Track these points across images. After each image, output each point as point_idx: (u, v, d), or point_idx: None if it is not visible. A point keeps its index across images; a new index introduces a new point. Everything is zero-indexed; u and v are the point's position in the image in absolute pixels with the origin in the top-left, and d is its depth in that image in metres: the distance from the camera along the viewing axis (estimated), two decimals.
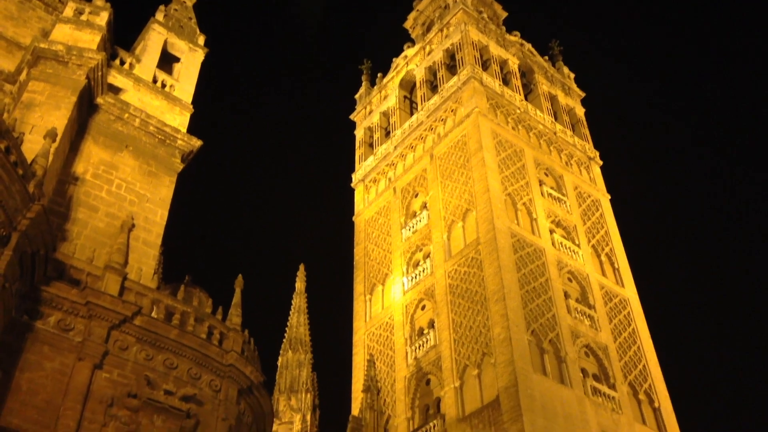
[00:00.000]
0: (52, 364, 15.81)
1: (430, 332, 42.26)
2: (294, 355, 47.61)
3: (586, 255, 46.11)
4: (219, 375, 18.89)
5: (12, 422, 14.60)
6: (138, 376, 17.17)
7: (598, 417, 37.52)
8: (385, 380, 42.94)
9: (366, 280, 49.59)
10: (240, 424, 19.31)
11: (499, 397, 35.88)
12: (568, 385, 37.77)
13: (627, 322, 44.53)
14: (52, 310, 16.43)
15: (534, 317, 39.47)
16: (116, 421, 16.20)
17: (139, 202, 21.61)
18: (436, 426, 38.21)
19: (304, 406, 44.11)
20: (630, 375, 41.63)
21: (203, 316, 19.48)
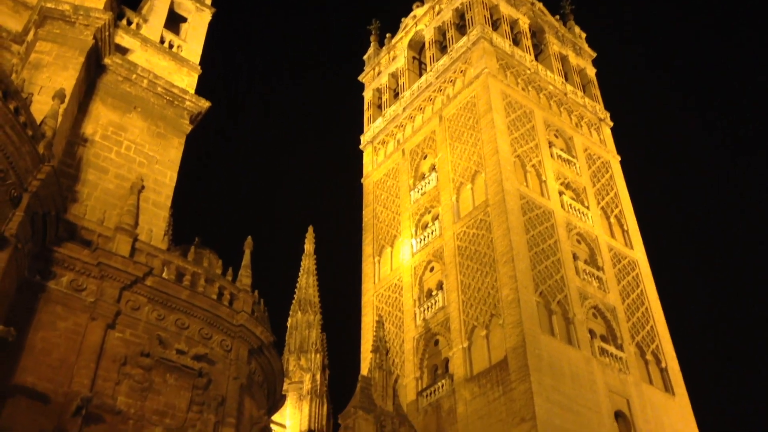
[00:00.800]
0: (65, 324, 15.99)
1: (439, 293, 42.49)
2: (303, 316, 47.87)
3: (595, 217, 46.02)
4: (230, 335, 19.08)
5: (27, 380, 14.82)
6: (150, 335, 17.36)
7: (605, 377, 37.83)
8: (394, 341, 43.32)
9: (375, 241, 49.73)
10: (251, 383, 19.55)
11: (507, 358, 36.19)
12: (576, 345, 38.02)
13: (635, 283, 44.61)
14: (64, 270, 16.56)
15: (542, 279, 39.58)
16: (129, 379, 16.43)
17: (149, 164, 21.61)
18: (444, 386, 38.65)
19: (314, 366, 44.47)
20: (637, 336, 41.84)
21: (213, 277, 19.61)
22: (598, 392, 36.87)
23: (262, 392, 20.69)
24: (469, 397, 36.92)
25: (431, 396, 39.06)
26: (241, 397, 18.63)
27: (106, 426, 15.46)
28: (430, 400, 38.96)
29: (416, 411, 39.12)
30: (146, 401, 16.46)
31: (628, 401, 37.87)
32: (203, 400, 17.58)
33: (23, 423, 14.21)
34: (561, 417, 34.11)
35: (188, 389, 17.42)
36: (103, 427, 15.37)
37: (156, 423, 16.34)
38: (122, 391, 16.16)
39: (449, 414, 37.41)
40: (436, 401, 38.52)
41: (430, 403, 38.80)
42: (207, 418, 17.42)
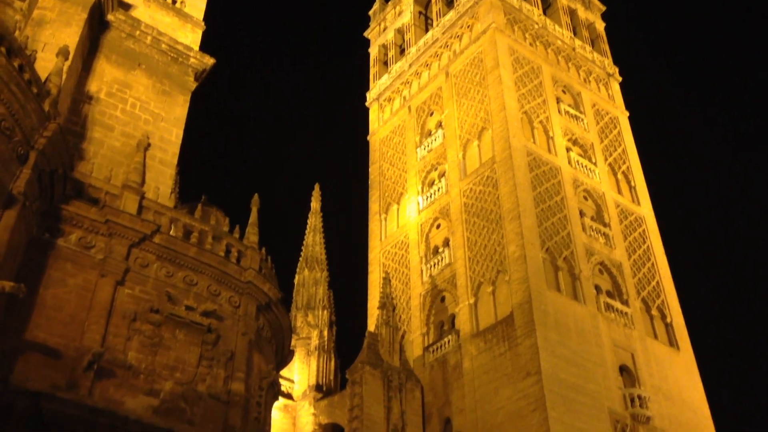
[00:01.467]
0: (75, 281, 16.13)
1: (445, 250, 42.64)
2: (310, 273, 48.22)
3: (602, 173, 45.87)
4: (238, 292, 19.23)
5: (38, 336, 15.01)
6: (159, 292, 17.50)
7: (610, 332, 38.14)
8: (401, 297, 43.64)
9: (381, 199, 49.76)
10: (259, 338, 19.75)
11: (513, 313, 36.46)
12: (582, 301, 38.25)
13: (642, 239, 44.65)
14: (72, 228, 16.64)
15: (549, 235, 39.65)
16: (140, 335, 16.62)
17: (154, 122, 21.52)
18: (450, 341, 39.04)
19: (321, 323, 44.95)
20: (643, 291, 42.03)
21: (221, 235, 19.69)
22: (603, 347, 37.21)
23: (271, 348, 20.91)
24: (475, 352, 37.31)
25: (437, 351, 39.49)
26: (249, 352, 18.84)
27: (118, 380, 15.70)
28: (436, 356, 39.41)
29: (422, 366, 39.61)
30: (156, 356, 16.66)
31: (632, 355, 38.24)
32: (212, 356, 17.80)
33: (36, 377, 14.43)
34: (566, 371, 34.50)
35: (197, 345, 17.62)
36: (114, 382, 15.61)
37: (166, 377, 16.57)
38: (133, 346, 16.36)
39: (455, 369, 37.88)
40: (443, 356, 38.97)
41: (437, 359, 39.25)
42: (216, 372, 17.65)
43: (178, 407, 16.40)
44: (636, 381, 37.30)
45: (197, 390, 17.02)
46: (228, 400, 17.52)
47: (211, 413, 16.98)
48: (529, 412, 33.13)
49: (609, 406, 35.07)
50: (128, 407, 15.37)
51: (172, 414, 16.16)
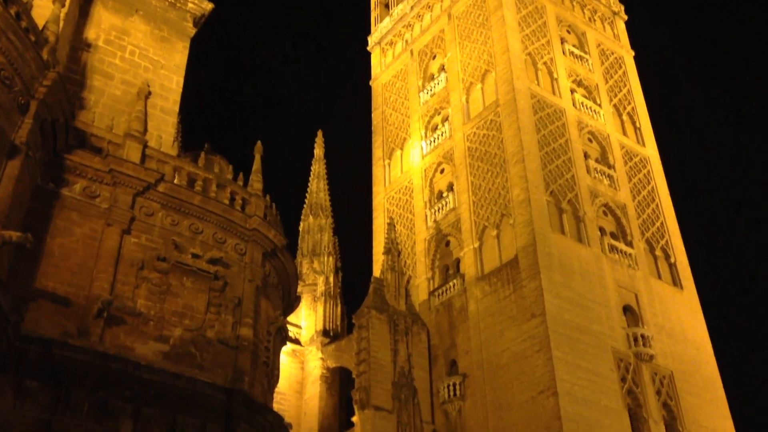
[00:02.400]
0: (81, 230, 16.20)
1: (449, 195, 42.64)
2: (315, 220, 48.35)
3: (607, 114, 45.49)
4: (243, 239, 19.30)
5: (48, 285, 15.16)
6: (165, 240, 17.59)
7: (614, 273, 38.38)
8: (405, 242, 43.82)
9: (384, 144, 49.53)
10: (266, 285, 19.92)
11: (517, 256, 36.65)
12: (586, 243, 38.39)
13: (646, 180, 44.56)
14: (76, 177, 16.64)
15: (553, 178, 39.57)
16: (148, 283, 16.77)
17: (154, 69, 21.30)
18: (455, 285, 39.35)
19: (327, 269, 45.27)
20: (647, 232, 42.14)
21: (225, 183, 19.68)
22: (607, 287, 37.50)
23: (277, 294, 21.10)
24: (480, 295, 37.64)
25: (443, 295, 39.85)
26: (257, 298, 19.02)
27: (128, 327, 15.91)
28: (441, 300, 39.77)
29: (428, 310, 40.02)
30: (165, 303, 16.85)
31: (636, 295, 38.56)
32: (220, 302, 17.99)
33: (47, 325, 14.63)
34: (570, 312, 34.85)
35: (205, 292, 17.80)
36: (124, 328, 15.83)
37: (175, 324, 16.79)
38: (141, 294, 16.53)
39: (460, 312, 38.27)
40: (448, 300, 39.33)
41: (442, 302, 39.63)
42: (225, 318, 17.86)
43: (188, 353, 16.66)
44: (639, 320, 37.69)
45: (206, 336, 17.26)
46: (237, 345, 17.77)
47: (220, 358, 17.25)
48: (533, 353, 33.59)
49: (612, 345, 35.52)
50: (139, 353, 15.61)
51: (183, 359, 16.42)
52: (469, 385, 35.87)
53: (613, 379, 34.45)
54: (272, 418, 17.68)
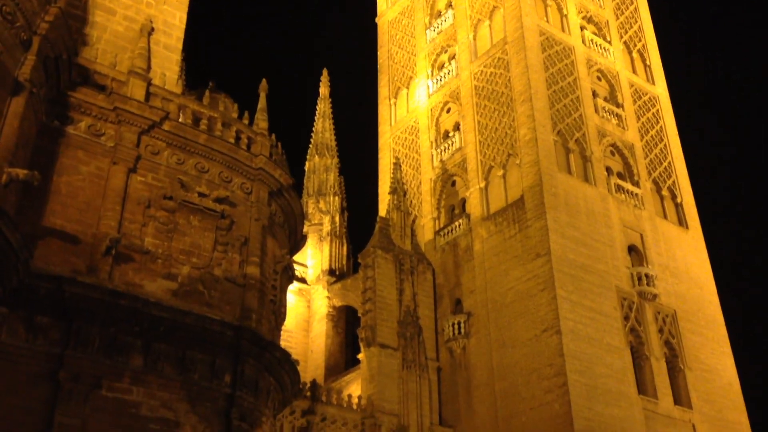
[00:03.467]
0: (87, 168, 16.20)
1: (456, 135, 42.37)
2: (320, 159, 48.21)
3: (617, 52, 44.78)
4: (249, 178, 19.31)
5: (56, 222, 15.24)
6: (171, 179, 17.60)
7: (620, 213, 38.39)
8: (411, 182, 43.78)
9: (390, 83, 48.98)
10: (272, 224, 19.99)
11: (523, 196, 36.64)
12: (592, 183, 38.30)
13: (655, 119, 44.15)
14: (81, 115, 16.56)
15: (560, 117, 39.23)
16: (155, 221, 16.84)
17: (156, 5, 20.91)
18: (461, 225, 39.46)
19: (333, 209, 45.35)
20: (654, 172, 41.97)
21: (230, 121, 19.56)
22: (613, 227, 37.57)
23: (284, 233, 21.20)
24: (485, 235, 37.77)
25: (448, 235, 40.00)
26: (263, 237, 19.13)
27: (136, 265, 16.05)
28: (447, 239, 39.94)
29: (434, 249, 40.24)
30: (172, 242, 16.96)
31: (641, 235, 38.65)
32: (227, 241, 18.10)
33: (56, 263, 14.76)
34: (575, 251, 35.00)
35: (212, 230, 17.89)
36: (133, 266, 15.97)
37: (183, 262, 16.93)
38: (149, 232, 16.63)
39: (466, 252, 38.48)
40: (453, 240, 39.50)
41: (447, 242, 39.81)
42: (231, 257, 18.00)
43: (196, 290, 16.85)
44: (644, 260, 37.87)
45: (214, 274, 17.42)
46: (244, 283, 17.95)
47: (228, 296, 17.45)
48: (538, 292, 33.89)
49: (617, 284, 35.79)
50: (147, 290, 15.79)
51: (191, 297, 16.61)
52: (473, 324, 36.33)
53: (616, 317, 34.82)
54: (280, 354, 17.97)
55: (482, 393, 34.37)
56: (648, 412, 33.13)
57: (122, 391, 14.65)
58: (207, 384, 15.97)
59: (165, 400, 15.14)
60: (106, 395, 14.41)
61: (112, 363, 14.65)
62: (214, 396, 16.02)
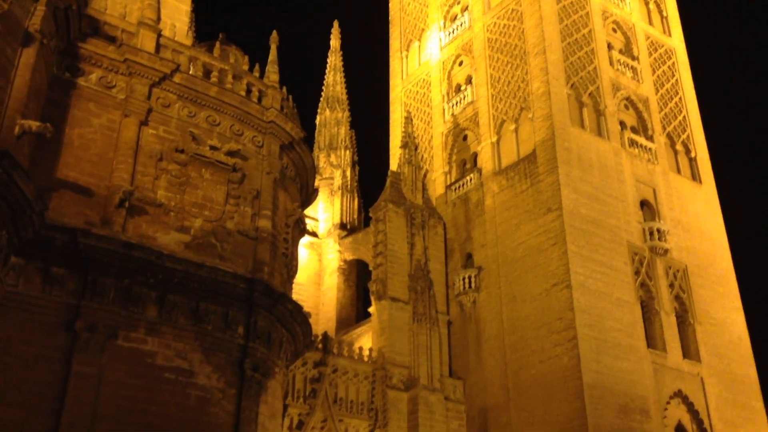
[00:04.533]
0: (99, 120, 16.22)
1: (468, 88, 41.96)
2: (332, 113, 47.90)
3: (633, 3, 43.94)
4: (260, 131, 19.29)
5: (69, 175, 15.32)
6: (183, 132, 17.62)
7: (633, 167, 38.13)
8: (423, 136, 43.55)
9: (402, 36, 48.35)
10: (284, 177, 20.02)
11: (535, 151, 36.40)
12: (606, 137, 37.98)
13: (671, 72, 43.52)
14: (92, 67, 16.51)
15: (574, 70, 38.72)
16: (167, 174, 16.90)
17: None
18: (472, 179, 39.34)
19: (344, 163, 45.22)
20: (669, 126, 41.54)
21: (241, 74, 19.46)
22: (625, 182, 37.37)
23: (295, 187, 21.24)
24: (496, 189, 37.68)
25: (459, 189, 39.92)
26: (275, 190, 19.18)
27: (149, 217, 16.16)
28: (458, 194, 39.87)
29: (445, 204, 40.22)
30: (185, 195, 17.04)
31: (654, 190, 38.44)
32: (239, 194, 18.17)
33: (71, 215, 14.89)
34: (587, 206, 34.90)
35: (224, 183, 17.95)
36: (146, 219, 16.08)
37: (196, 215, 17.03)
38: (161, 185, 16.70)
39: (477, 206, 38.44)
40: (465, 194, 39.43)
41: (459, 197, 39.75)
42: (244, 210, 18.09)
43: (208, 243, 16.98)
44: (656, 215, 37.72)
45: (226, 227, 17.54)
46: (256, 236, 18.08)
47: (240, 249, 17.59)
48: (548, 246, 33.91)
49: (628, 239, 35.73)
50: (161, 243, 15.93)
51: (204, 249, 16.75)
52: (484, 278, 36.48)
53: (627, 272, 34.86)
54: (292, 306, 18.17)
55: (492, 346, 34.70)
56: (657, 365, 33.40)
57: (138, 341, 14.91)
58: (220, 335, 16.22)
59: (180, 350, 15.40)
60: (122, 345, 14.67)
61: (127, 314, 14.87)
62: (227, 347, 16.27)
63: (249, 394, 16.28)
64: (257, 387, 16.59)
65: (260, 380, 16.73)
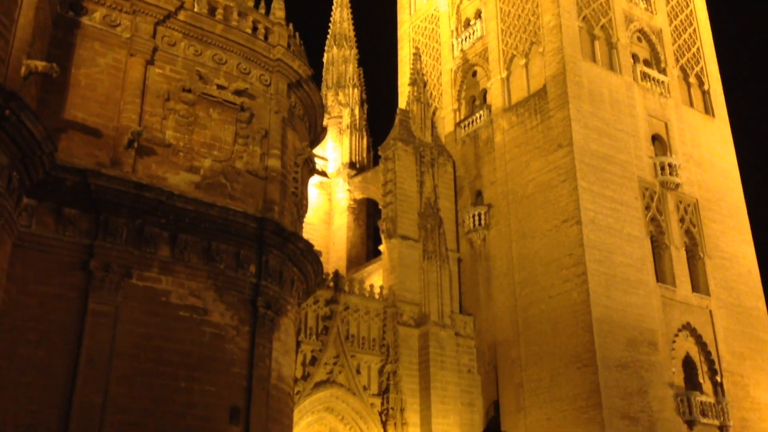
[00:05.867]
0: (105, 60, 16.08)
1: (477, 23, 41.22)
2: (339, 51, 47.25)
3: None
4: (268, 69, 19.11)
5: (77, 115, 15.28)
6: (190, 71, 17.48)
7: (645, 101, 37.65)
8: (431, 73, 43.02)
9: None
10: (292, 116, 19.91)
11: (546, 86, 35.95)
12: (618, 71, 37.40)
13: (685, 3, 42.53)
14: (95, 5, 16.29)
15: (586, 2, 37.90)
16: (175, 114, 16.84)
17: None
18: (482, 116, 39.00)
19: (352, 101, 44.83)
20: (682, 59, 40.82)
21: (246, 11, 19.16)
22: (637, 116, 36.97)
23: (304, 125, 21.15)
24: (506, 126, 37.38)
25: (469, 127, 39.62)
26: (283, 129, 19.12)
27: (159, 158, 16.18)
28: (467, 131, 39.60)
29: (454, 141, 39.99)
30: (193, 135, 17.02)
31: (666, 124, 38.05)
32: (247, 134, 18.12)
33: (80, 156, 14.92)
34: (598, 142, 34.63)
35: (232, 123, 17.89)
36: (155, 159, 16.10)
37: (205, 155, 17.03)
38: (169, 125, 16.66)
39: (486, 143, 38.21)
40: (474, 132, 39.16)
41: (468, 134, 39.48)
42: (252, 150, 18.06)
43: (218, 183, 17.03)
44: (668, 149, 37.43)
45: (235, 167, 17.55)
46: (266, 176, 18.10)
47: (250, 188, 17.64)
48: (559, 183, 33.81)
49: (639, 174, 35.56)
50: (171, 183, 15.98)
51: (214, 189, 16.81)
52: (493, 215, 36.53)
53: (637, 207, 34.79)
54: (303, 245, 18.31)
55: (502, 283, 34.98)
56: (666, 299, 33.64)
57: (152, 280, 15.12)
58: (233, 274, 16.41)
59: (193, 288, 15.62)
60: (136, 284, 14.88)
61: (140, 253, 15.04)
62: (240, 285, 16.49)
63: (262, 331, 16.57)
64: (270, 324, 16.87)
65: (273, 318, 17.00)
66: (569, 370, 30.77)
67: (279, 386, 16.94)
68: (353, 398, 30.45)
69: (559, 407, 30.69)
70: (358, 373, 30.91)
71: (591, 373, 29.97)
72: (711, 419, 32.19)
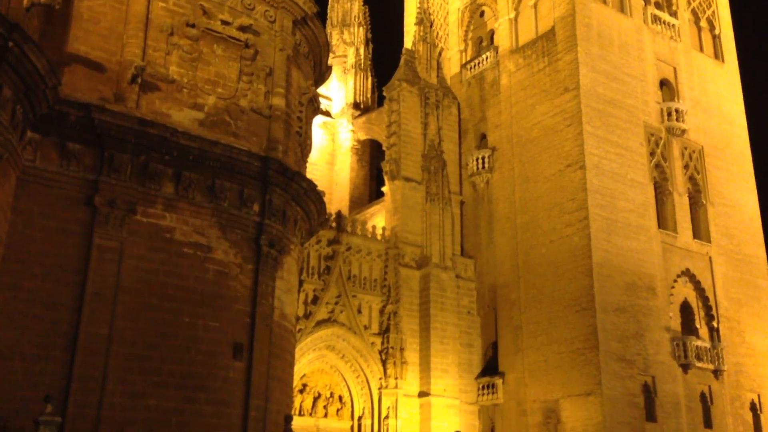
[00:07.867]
0: None
1: None
2: None
3: None
4: (272, 5, 18.83)
5: (80, 49, 15.11)
6: (193, 6, 17.23)
7: (654, 45, 37.08)
8: (438, 12, 42.27)
9: None
10: (297, 54, 19.68)
11: (554, 28, 35.36)
12: (628, 13, 36.72)
13: None
14: None
15: None
16: (179, 49, 16.65)
17: None
18: (488, 58, 38.47)
19: (357, 40, 44.19)
20: (694, 2, 40.03)
21: None
22: (646, 61, 36.45)
23: (308, 64, 20.92)
24: (513, 68, 36.91)
25: (475, 68, 39.12)
26: (288, 68, 18.93)
27: (162, 94, 16.06)
28: (473, 73, 39.11)
29: (460, 83, 39.54)
30: (197, 71, 16.87)
31: (675, 69, 37.54)
32: (252, 71, 17.95)
33: (84, 90, 14.81)
34: (605, 86, 34.24)
35: (236, 60, 17.71)
36: (159, 95, 15.98)
37: (209, 92, 16.90)
38: (173, 61, 16.50)
39: (492, 86, 37.79)
40: (480, 73, 38.68)
41: (474, 76, 39.02)
42: (257, 88, 17.92)
43: (222, 120, 16.95)
44: (675, 95, 37.01)
45: (239, 104, 17.44)
46: (270, 114, 18.01)
47: (254, 126, 17.57)
48: (564, 127, 33.57)
49: (645, 120, 35.26)
50: (174, 120, 15.91)
51: (218, 127, 16.75)
52: (497, 158, 36.39)
53: (642, 153, 34.62)
54: (306, 184, 18.34)
55: (503, 226, 35.07)
56: (666, 245, 33.78)
57: (156, 216, 15.20)
58: (236, 212, 16.49)
59: (197, 226, 15.72)
60: (141, 220, 14.97)
61: (145, 190, 15.08)
62: (243, 223, 16.58)
63: (265, 269, 16.74)
64: (273, 263, 17.02)
65: (276, 256, 17.14)
66: (568, 313, 31.12)
67: (281, 323, 17.20)
68: (354, 337, 30.90)
69: (556, 349, 31.15)
70: (359, 312, 31.29)
71: (589, 317, 30.32)
72: (706, 363, 32.68)
